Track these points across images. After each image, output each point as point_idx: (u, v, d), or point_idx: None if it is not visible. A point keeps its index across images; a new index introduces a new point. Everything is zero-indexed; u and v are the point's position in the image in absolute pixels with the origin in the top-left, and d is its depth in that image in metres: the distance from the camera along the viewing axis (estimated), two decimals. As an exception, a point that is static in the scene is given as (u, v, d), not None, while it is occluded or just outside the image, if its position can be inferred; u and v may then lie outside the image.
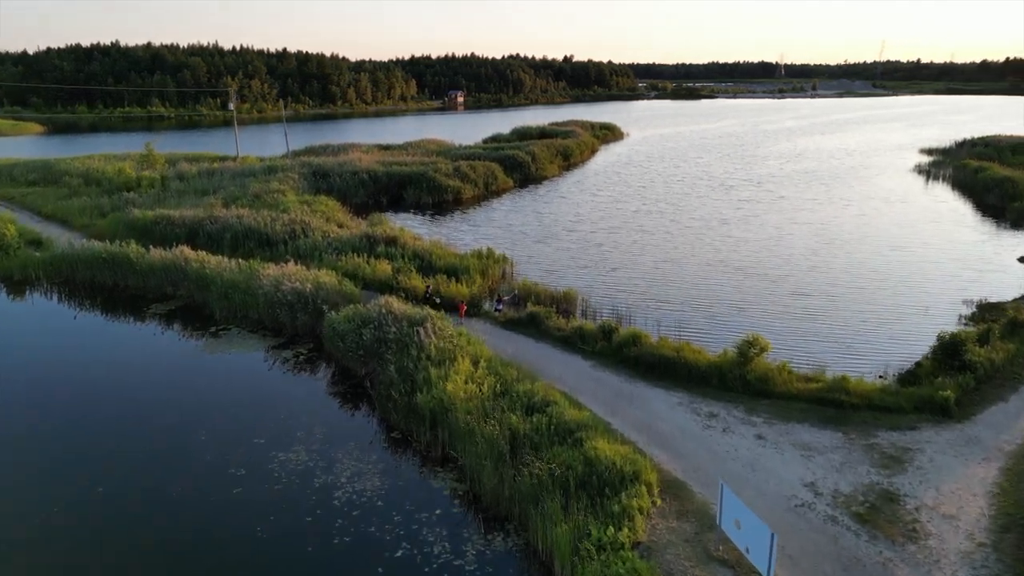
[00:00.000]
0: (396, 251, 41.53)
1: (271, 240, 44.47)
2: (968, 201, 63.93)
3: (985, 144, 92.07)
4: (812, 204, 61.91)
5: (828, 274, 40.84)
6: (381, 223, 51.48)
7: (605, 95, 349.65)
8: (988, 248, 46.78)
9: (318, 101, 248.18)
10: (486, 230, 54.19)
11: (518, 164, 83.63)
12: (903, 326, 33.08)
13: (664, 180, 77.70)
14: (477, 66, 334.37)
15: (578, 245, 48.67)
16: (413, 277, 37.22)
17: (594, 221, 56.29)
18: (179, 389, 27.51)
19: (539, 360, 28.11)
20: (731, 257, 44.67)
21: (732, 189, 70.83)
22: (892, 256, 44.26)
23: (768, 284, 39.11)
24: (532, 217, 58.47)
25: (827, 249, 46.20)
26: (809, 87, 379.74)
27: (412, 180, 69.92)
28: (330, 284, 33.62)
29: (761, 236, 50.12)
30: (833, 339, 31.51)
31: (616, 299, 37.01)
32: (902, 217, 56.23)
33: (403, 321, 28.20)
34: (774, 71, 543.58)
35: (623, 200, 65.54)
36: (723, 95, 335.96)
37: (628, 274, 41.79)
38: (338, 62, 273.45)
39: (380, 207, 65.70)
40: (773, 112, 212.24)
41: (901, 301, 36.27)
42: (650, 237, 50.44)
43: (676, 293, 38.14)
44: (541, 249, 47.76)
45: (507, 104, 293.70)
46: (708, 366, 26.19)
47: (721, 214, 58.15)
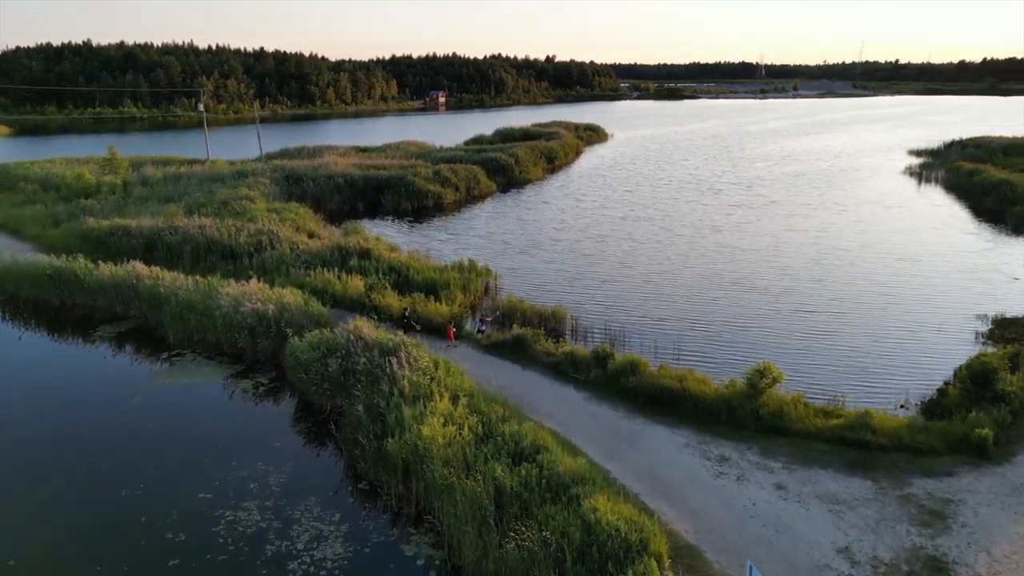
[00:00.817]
0: (370, 265, 38.49)
1: (235, 252, 41.22)
2: (964, 205, 62.00)
3: (976, 145, 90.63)
4: (806, 209, 59.63)
5: (832, 287, 38.37)
6: (356, 232, 48.40)
7: (588, 95, 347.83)
8: (994, 256, 44.62)
9: (296, 101, 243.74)
10: (467, 239, 51.25)
11: (501, 167, 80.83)
12: (917, 346, 30.62)
13: (650, 184, 75.20)
14: (459, 66, 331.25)
15: (564, 256, 45.88)
16: (388, 295, 34.22)
17: (580, 229, 53.53)
18: (120, 427, 24.33)
19: (527, 391, 25.27)
20: (727, 269, 42.09)
21: (721, 193, 68.45)
22: (898, 267, 41.91)
23: (769, 300, 36.54)
24: (515, 224, 55.61)
25: (828, 259, 43.78)
26: (790, 87, 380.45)
27: (390, 184, 66.80)
28: (295, 304, 30.51)
29: (756, 245, 47.63)
30: (844, 362, 28.97)
31: (608, 317, 34.25)
32: (901, 223, 54.05)
33: (374, 349, 25.20)
34: (755, 71, 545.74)
35: (609, 206, 62.88)
36: (705, 95, 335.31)
37: (619, 288, 39.07)
38: (317, 62, 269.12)
39: (356, 213, 62.58)
40: (756, 112, 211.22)
41: (913, 317, 33.84)
42: (640, 247, 47.75)
43: (672, 310, 35.45)
44: (525, 260, 44.91)
45: (489, 104, 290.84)
46: (716, 399, 23.49)
47: (712, 220, 55.65)
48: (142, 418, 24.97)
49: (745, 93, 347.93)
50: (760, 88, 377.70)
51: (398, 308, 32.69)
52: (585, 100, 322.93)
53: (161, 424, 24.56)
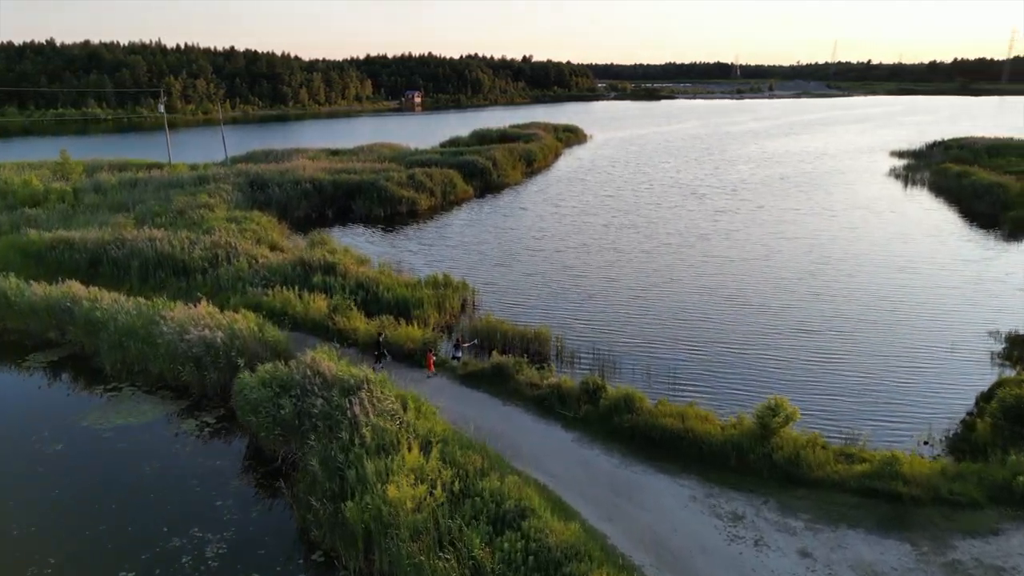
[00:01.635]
0: (336, 281, 35.29)
1: (188, 268, 37.75)
2: (956, 209, 60.23)
3: (960, 146, 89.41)
4: (795, 215, 57.37)
5: (832, 303, 35.91)
6: (323, 243, 45.16)
7: (565, 95, 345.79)
8: (997, 265, 42.57)
9: (268, 102, 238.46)
10: (442, 249, 48.14)
11: (478, 171, 77.91)
12: (931, 369, 28.20)
13: (632, 188, 72.62)
14: (435, 66, 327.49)
15: (545, 268, 42.97)
16: (354, 316, 31.05)
17: (560, 238, 50.64)
18: (38, 481, 20.97)
19: (509, 432, 22.32)
20: (719, 282, 39.47)
21: (705, 198, 66.04)
22: (899, 279, 39.60)
23: (767, 318, 33.96)
24: (492, 233, 52.58)
25: (824, 271, 41.37)
26: (766, 87, 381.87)
27: (362, 190, 63.52)
28: (248, 331, 27.24)
29: (747, 255, 45.13)
30: (854, 389, 26.44)
31: (595, 338, 31.42)
32: (895, 229, 51.93)
33: (333, 388, 22.07)
34: (730, 72, 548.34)
35: (590, 212, 60.12)
36: (683, 95, 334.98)
37: (605, 305, 36.26)
38: (289, 61, 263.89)
39: (325, 221, 59.26)
40: (734, 113, 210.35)
41: (922, 336, 31.45)
42: (624, 257, 44.99)
43: (663, 331, 32.71)
44: (503, 274, 41.93)
45: (466, 104, 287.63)
46: (723, 441, 20.71)
47: (699, 228, 53.11)
48: (62, 472, 21.59)
49: (722, 93, 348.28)
50: (736, 88, 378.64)
51: (364, 332, 29.57)
52: (563, 100, 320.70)
53: (83, 480, 21.22)
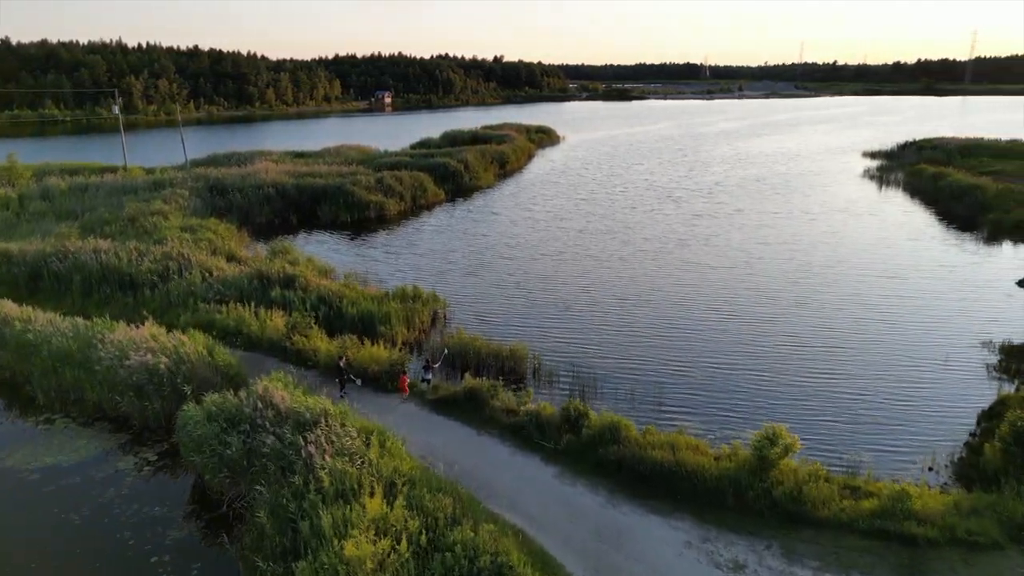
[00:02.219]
0: (296, 296, 32.92)
1: (135, 282, 35.05)
2: (933, 211, 59.57)
3: (933, 147, 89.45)
4: (773, 219, 56.15)
5: (818, 312, 34.45)
6: (285, 252, 42.65)
7: (536, 96, 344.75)
8: (983, 270, 41.60)
9: (234, 102, 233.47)
10: (411, 257, 45.88)
11: (450, 173, 75.84)
12: (926, 384, 26.79)
13: (606, 191, 70.99)
14: (405, 66, 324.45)
15: (519, 277, 40.98)
16: (314, 335, 28.75)
17: (534, 245, 48.65)
18: (-52, 538, 18.42)
19: (484, 467, 20.29)
20: (700, 292, 37.81)
21: (681, 201, 64.61)
22: (885, 286, 38.32)
23: (753, 330, 32.36)
24: (463, 240, 50.44)
25: (807, 279, 39.97)
26: (736, 88, 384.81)
27: (327, 194, 61.01)
28: (196, 355, 24.81)
29: (727, 262, 43.60)
30: (848, 407, 24.90)
31: (574, 355, 29.53)
32: (877, 233, 50.88)
33: (287, 421, 19.84)
34: (699, 72, 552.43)
35: (565, 217, 58.27)
36: (654, 96, 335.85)
37: (583, 317, 34.40)
38: (256, 61, 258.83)
39: (289, 227, 56.65)
40: (705, 114, 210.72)
41: (914, 348, 30.08)
42: (602, 266, 43.16)
43: (645, 346, 30.92)
44: (475, 284, 39.86)
45: (437, 105, 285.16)
46: (718, 476, 18.90)
47: (676, 233, 51.53)
48: (-22, 523, 19.07)
49: (692, 94, 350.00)
50: (707, 89, 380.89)
51: (326, 352, 27.31)
52: (534, 101, 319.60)
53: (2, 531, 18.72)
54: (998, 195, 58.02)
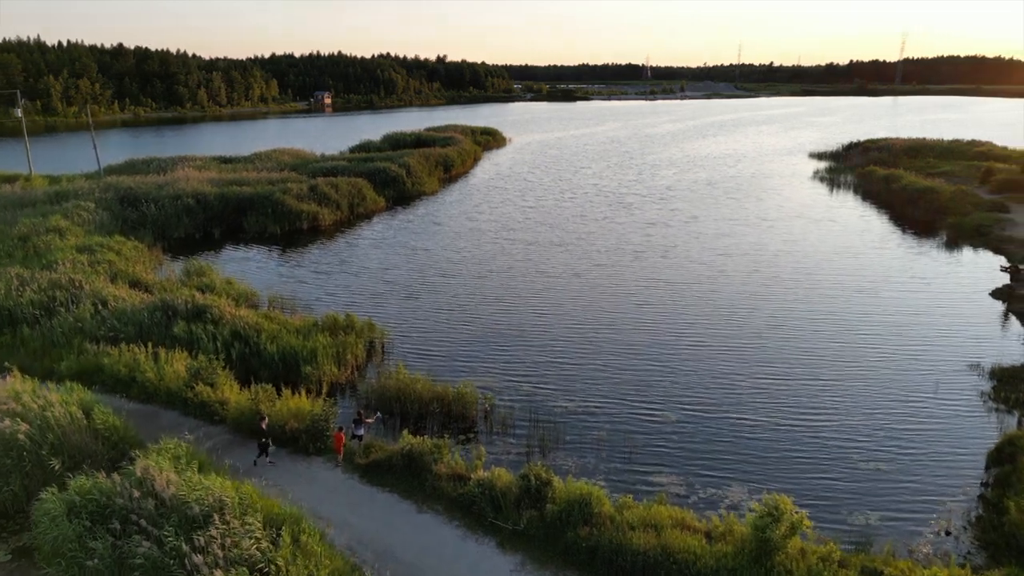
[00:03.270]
0: (205, 330, 28.29)
1: (13, 317, 29.79)
2: (888, 215, 58.20)
3: (878, 148, 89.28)
4: (731, 226, 53.64)
5: (796, 336, 31.57)
6: (200, 274, 37.79)
7: (481, 96, 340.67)
8: (955, 282, 39.67)
9: (163, 103, 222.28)
10: (343, 278, 41.38)
11: (391, 179, 71.29)
12: (923, 421, 24.07)
13: (554, 197, 67.66)
14: (345, 65, 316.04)
15: (464, 300, 37.05)
16: (223, 383, 24.25)
17: (480, 260, 44.75)
18: None
19: (427, 560, 16.37)
20: (663, 315, 34.58)
21: (633, 208, 61.71)
22: (859, 302, 35.84)
23: (727, 360, 29.26)
24: (402, 256, 46.18)
25: (776, 295, 37.22)
26: (678, 88, 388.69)
27: (255, 204, 55.91)
28: (67, 420, 20.12)
29: (689, 276, 40.61)
30: (844, 453, 21.94)
31: (530, 394, 25.89)
32: (839, 241, 48.79)
33: (171, 517, 15.53)
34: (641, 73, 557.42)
35: (512, 227, 54.57)
36: (598, 97, 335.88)
37: (537, 346, 30.76)
38: (186, 60, 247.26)
39: (211, 242, 51.47)
40: (649, 115, 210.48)
41: (901, 377, 27.45)
42: (554, 284, 39.56)
43: (610, 381, 27.47)
44: (416, 309, 35.76)
45: (379, 106, 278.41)
46: (715, 567, 15.43)
47: (631, 244, 48.39)
48: None
49: (635, 94, 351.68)
50: (650, 89, 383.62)
51: (236, 404, 22.89)
52: (479, 101, 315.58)
53: None
54: (953, 198, 57.00)
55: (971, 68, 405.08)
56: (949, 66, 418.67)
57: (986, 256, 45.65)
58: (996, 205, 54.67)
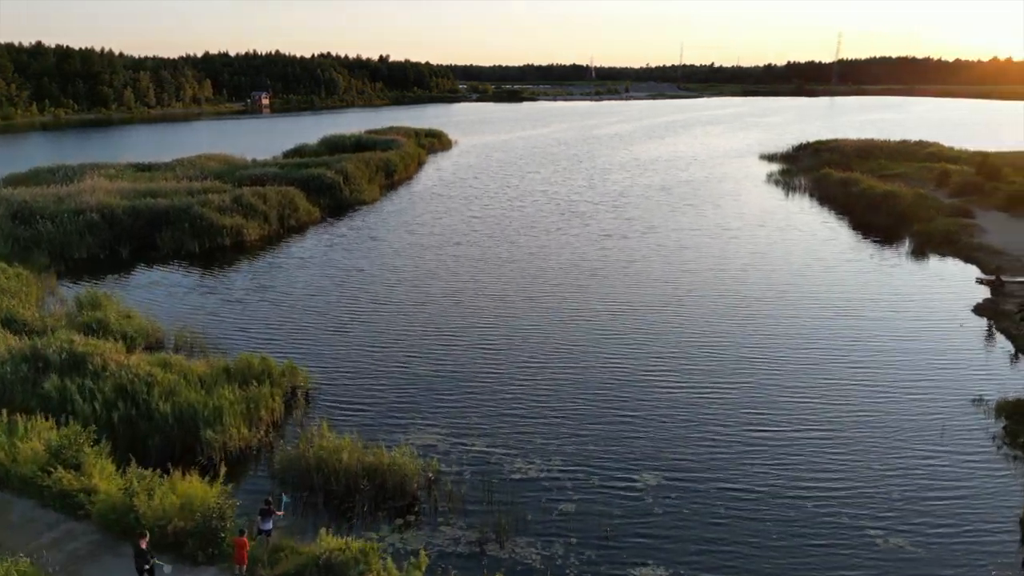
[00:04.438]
0: (83, 386, 23.15)
1: None
2: (850, 221, 56.01)
3: (829, 149, 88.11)
4: (692, 238, 50.33)
5: (777, 371, 28.13)
6: (95, 305, 32.33)
7: (426, 97, 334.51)
8: (935, 295, 37.10)
9: (86, 105, 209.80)
10: (264, 308, 36.10)
11: (326, 187, 66.11)
12: (939, 479, 20.75)
13: (502, 205, 63.56)
14: (284, 65, 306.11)
15: (401, 333, 32.37)
16: (91, 464, 19.20)
17: (421, 283, 39.94)
18: None
19: None
20: (630, 348, 30.56)
21: (587, 217, 58.00)
22: (845, 328, 32.51)
23: (706, 402, 25.60)
24: (334, 278, 41.23)
25: (752, 319, 33.73)
26: (622, 89, 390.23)
27: (170, 218, 50.12)
28: None
29: (654, 298, 36.86)
30: (861, 529, 18.42)
31: (483, 460, 21.69)
32: (809, 253, 45.88)
33: None
34: (585, 73, 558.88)
35: (457, 240, 50.12)
36: (544, 97, 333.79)
37: (490, 393, 26.53)
38: (112, 59, 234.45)
39: (118, 262, 45.72)
40: (596, 115, 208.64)
41: (903, 419, 24.18)
42: (505, 311, 35.25)
43: (576, 439, 23.42)
44: (344, 346, 30.96)
45: (320, 107, 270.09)
46: None
47: (587, 260, 44.53)
48: None
49: (581, 95, 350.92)
50: (595, 90, 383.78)
51: (105, 494, 17.94)
52: (423, 102, 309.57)
53: None
54: (914, 203, 55.19)
55: (902, 68, 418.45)
56: (881, 67, 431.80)
57: (957, 266, 43.49)
58: (960, 210, 53.00)
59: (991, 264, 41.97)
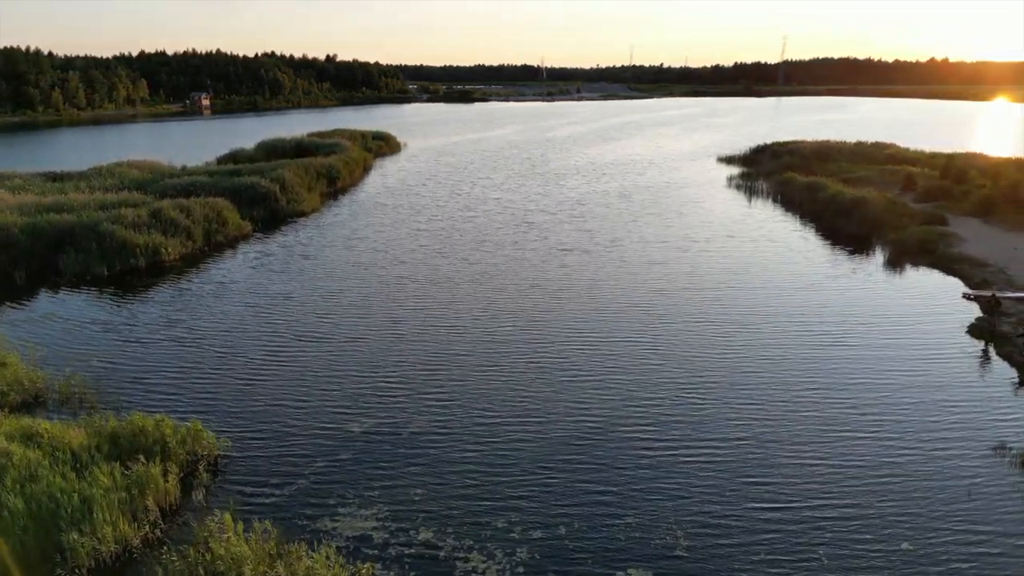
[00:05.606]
0: (-91, 478, 17.95)
1: None
2: (818, 228, 53.36)
3: (789, 152, 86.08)
4: (661, 252, 46.63)
5: (782, 419, 24.36)
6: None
7: (375, 98, 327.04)
8: (927, 315, 34.07)
9: (9, 107, 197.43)
10: (169, 347, 30.74)
11: (260, 197, 60.75)
12: (973, 557, 17.27)
13: (452, 216, 59.08)
14: (225, 64, 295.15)
15: (333, 380, 27.46)
16: None
17: (356, 312, 34.94)
18: None
19: None
20: (606, 396, 26.51)
21: (544, 228, 53.87)
22: (837, 360, 28.99)
23: (700, 467, 21.73)
24: (255, 307, 35.89)
25: (737, 352, 29.75)
26: (574, 90, 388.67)
27: (76, 237, 44.31)
28: None
29: (627, 328, 32.69)
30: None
31: (433, 560, 17.31)
32: (786, 268, 42.63)
33: None
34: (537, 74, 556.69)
35: (402, 258, 45.33)
36: (496, 98, 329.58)
37: (439, 461, 22.16)
38: (38, 58, 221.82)
39: (12, 289, 39.93)
40: (548, 116, 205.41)
41: (922, 479, 20.67)
42: (457, 348, 30.65)
43: (551, 522, 19.27)
44: (261, 396, 26.00)
45: (264, 108, 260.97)
46: None
47: (547, 280, 40.25)
48: None
49: (533, 95, 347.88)
50: (547, 91, 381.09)
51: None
52: (372, 103, 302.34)
53: None
54: (887, 210, 52.78)
55: (844, 69, 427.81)
56: (824, 67, 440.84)
57: (939, 279, 40.84)
58: (933, 217, 50.71)
59: (975, 277, 39.49)
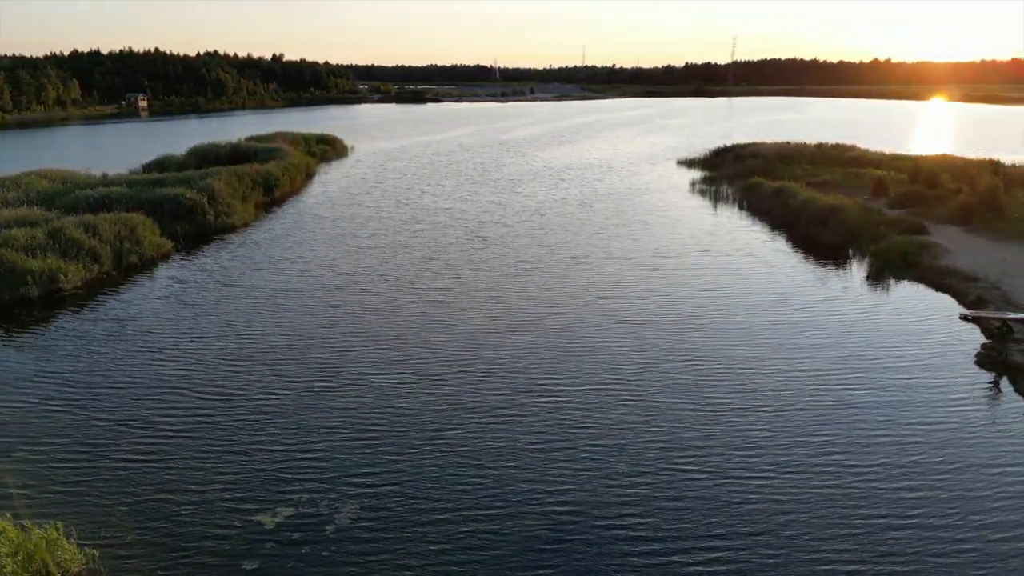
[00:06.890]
0: None
1: None
2: (791, 238, 50.07)
3: (752, 155, 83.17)
4: (630, 270, 42.27)
5: (779, 479, 20.28)
6: None
7: (324, 98, 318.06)
8: (929, 340, 30.37)
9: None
10: (31, 412, 25.24)
11: (185, 210, 54.75)
12: None
13: (398, 230, 53.79)
14: (164, 64, 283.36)
15: (237, 460, 22.31)
16: None
17: (276, 357, 29.24)
18: None
19: None
20: (576, 449, 22.23)
21: (500, 244, 48.91)
22: (846, 405, 24.97)
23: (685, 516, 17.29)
24: (156, 352, 29.84)
25: (726, 393, 25.65)
26: (528, 90, 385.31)
27: (-45, 265, 37.89)
28: None
29: (601, 370, 27.99)
30: None
31: None
32: (769, 287, 38.58)
33: None
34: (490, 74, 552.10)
35: (339, 283, 39.93)
36: (449, 98, 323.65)
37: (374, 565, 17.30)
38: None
39: None
40: (502, 118, 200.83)
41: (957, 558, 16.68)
42: (402, 399, 25.68)
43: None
44: (148, 485, 20.73)
45: (206, 109, 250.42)
46: None
47: (505, 307, 35.46)
48: None
49: (487, 96, 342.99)
50: (501, 91, 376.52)
51: None
52: (321, 103, 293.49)
53: None
54: (862, 217, 49.69)
55: (792, 70, 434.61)
56: (772, 68, 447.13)
57: (928, 296, 37.57)
58: (912, 226, 47.61)
59: (969, 294, 36.23)
